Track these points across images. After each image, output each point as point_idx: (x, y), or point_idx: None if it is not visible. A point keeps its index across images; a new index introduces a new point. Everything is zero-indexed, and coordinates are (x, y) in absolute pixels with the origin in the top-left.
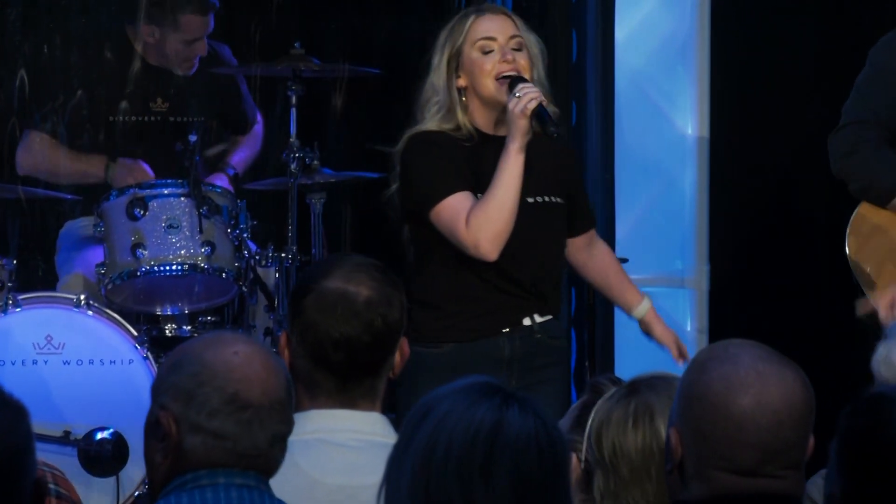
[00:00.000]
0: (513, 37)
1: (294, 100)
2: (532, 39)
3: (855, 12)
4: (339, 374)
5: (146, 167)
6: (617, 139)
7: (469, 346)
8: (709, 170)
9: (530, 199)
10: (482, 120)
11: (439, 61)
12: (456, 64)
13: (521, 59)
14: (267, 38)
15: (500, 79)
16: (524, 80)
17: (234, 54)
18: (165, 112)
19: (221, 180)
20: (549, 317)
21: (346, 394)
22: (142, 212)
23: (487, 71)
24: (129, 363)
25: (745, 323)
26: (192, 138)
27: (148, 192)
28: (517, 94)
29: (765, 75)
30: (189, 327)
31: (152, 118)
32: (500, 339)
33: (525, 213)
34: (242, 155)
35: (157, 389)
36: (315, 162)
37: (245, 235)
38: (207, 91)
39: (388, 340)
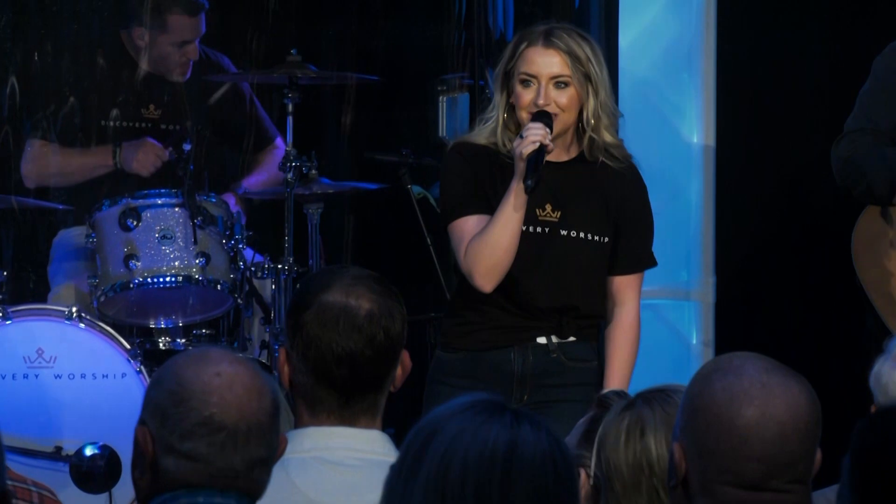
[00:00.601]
0: (555, 77)
1: (291, 108)
2: (592, 69)
3: (865, 18)
4: (342, 390)
5: (154, 142)
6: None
7: (482, 355)
8: (715, 179)
9: (563, 232)
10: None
11: (497, 74)
12: (509, 84)
13: (562, 98)
14: (263, 44)
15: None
16: (547, 117)
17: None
18: (157, 119)
19: (230, 199)
20: (572, 339)
21: (349, 409)
22: (135, 222)
23: (523, 104)
24: (123, 377)
25: (752, 336)
26: (187, 147)
27: (141, 202)
28: (522, 135)
29: (772, 82)
30: (183, 340)
31: (143, 125)
32: (511, 352)
33: (555, 246)
34: (259, 178)
35: (143, 404)
36: (312, 171)
37: (241, 246)
38: (203, 99)
39: (390, 354)
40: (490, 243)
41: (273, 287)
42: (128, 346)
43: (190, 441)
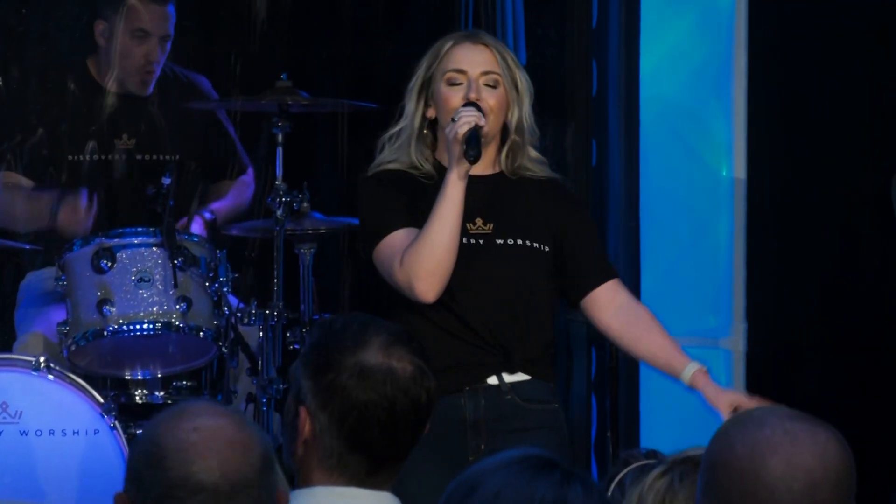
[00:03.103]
0: (486, 72)
1: (280, 138)
2: (519, 75)
3: None
4: (376, 458)
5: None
6: (642, 181)
7: None
8: (746, 215)
9: (499, 241)
10: (447, 156)
11: (413, 85)
12: (427, 92)
13: (491, 98)
14: (250, 68)
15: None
16: (475, 106)
17: (213, 87)
18: (132, 149)
19: (196, 224)
20: (525, 377)
21: (376, 477)
22: (109, 264)
23: (452, 105)
24: (95, 434)
25: (789, 389)
26: (166, 180)
27: (116, 241)
28: (454, 119)
29: (809, 108)
30: (162, 393)
31: (117, 157)
32: (461, 398)
33: (491, 255)
34: (226, 203)
35: (126, 468)
36: (304, 206)
37: (225, 290)
38: (182, 127)
39: (427, 417)
40: (429, 242)
41: (261, 335)
42: (101, 400)
43: None
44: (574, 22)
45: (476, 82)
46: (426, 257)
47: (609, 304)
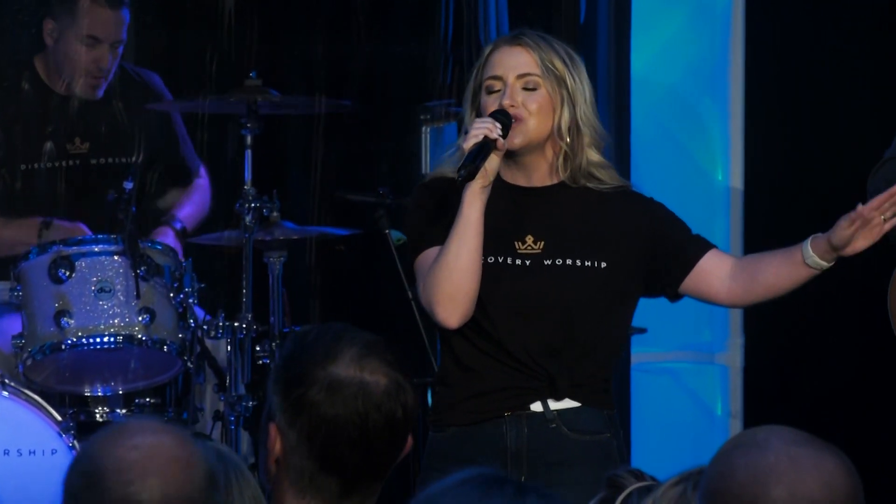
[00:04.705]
0: (523, 75)
1: (249, 140)
2: (568, 73)
3: None
4: (350, 478)
5: (85, 229)
6: (633, 185)
7: (471, 430)
8: (743, 221)
9: (548, 262)
10: (499, 166)
11: (466, 97)
12: (478, 103)
13: (531, 103)
14: (216, 65)
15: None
16: (504, 115)
17: (168, 85)
18: (86, 154)
19: (167, 236)
20: (574, 403)
21: (350, 499)
22: (67, 273)
23: (489, 114)
24: (53, 454)
25: (787, 406)
26: (128, 185)
27: (75, 249)
28: (467, 130)
29: (809, 108)
30: (124, 411)
31: (71, 162)
32: (503, 424)
33: (538, 277)
34: (191, 210)
35: (62, 489)
36: (274, 214)
37: (191, 301)
38: (139, 127)
39: (405, 434)
40: (446, 266)
41: (228, 349)
42: (59, 418)
43: None
44: (561, 17)
45: (512, 87)
46: (444, 282)
47: (719, 269)
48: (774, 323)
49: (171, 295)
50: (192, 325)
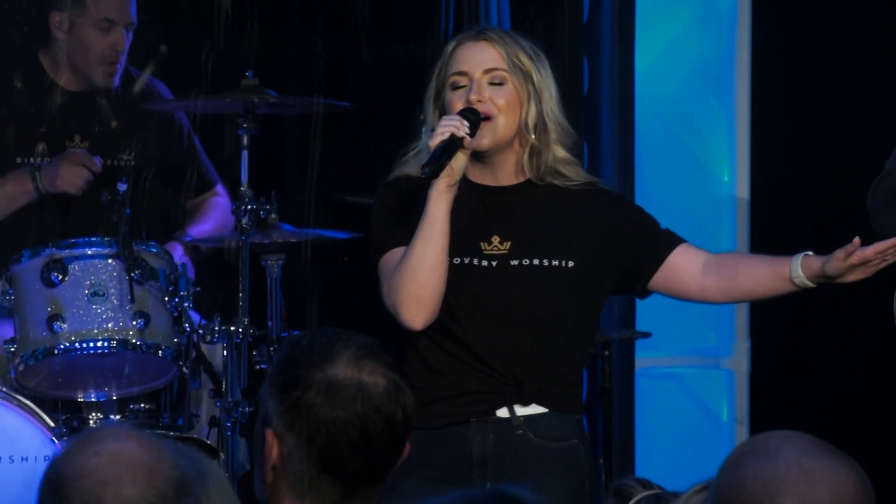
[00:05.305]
0: (490, 70)
1: (246, 140)
2: (534, 69)
3: None
4: (350, 482)
5: (78, 151)
6: (637, 188)
7: (438, 433)
8: (749, 224)
9: (514, 262)
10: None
11: (427, 96)
12: (441, 101)
13: (499, 98)
14: (213, 65)
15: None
16: (472, 113)
17: (173, 86)
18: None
19: (175, 251)
20: (541, 409)
21: (350, 502)
22: (60, 276)
23: (455, 110)
24: (45, 460)
25: (794, 411)
26: (122, 186)
27: (67, 252)
28: (433, 128)
29: (816, 109)
30: (118, 416)
31: None
32: (468, 430)
33: (505, 278)
34: (204, 228)
35: None
36: (272, 216)
37: (186, 305)
38: (141, 129)
39: (404, 436)
40: (411, 267)
41: (225, 354)
42: (51, 424)
43: None
44: (564, 16)
45: (479, 82)
46: (408, 283)
47: (690, 264)
48: (781, 327)
49: (166, 299)
50: (188, 329)
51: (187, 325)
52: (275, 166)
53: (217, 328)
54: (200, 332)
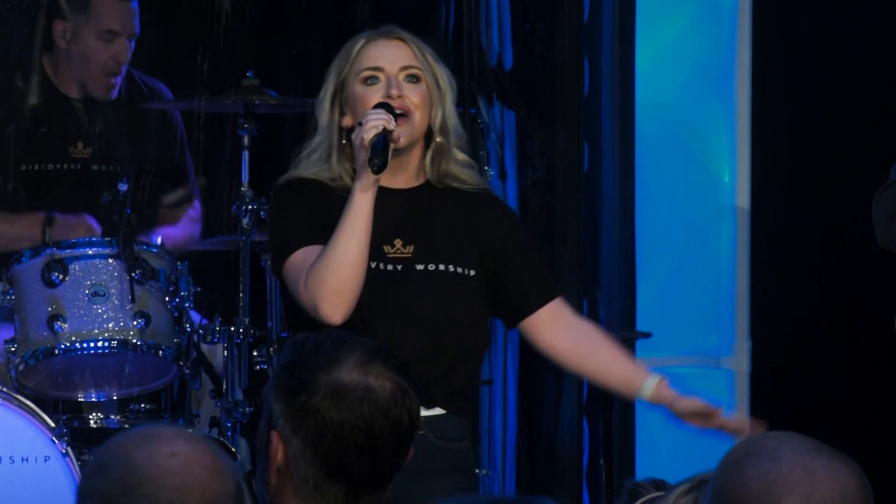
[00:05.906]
0: (406, 67)
1: (246, 140)
2: (440, 71)
3: None
4: (355, 485)
5: (93, 222)
6: (638, 188)
7: None
8: (749, 225)
9: (420, 266)
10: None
11: (324, 95)
12: (341, 99)
13: (414, 95)
14: (213, 65)
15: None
16: (387, 108)
17: (174, 87)
18: (87, 159)
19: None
20: (441, 411)
21: None
22: (61, 276)
23: (370, 107)
24: (46, 461)
25: (794, 411)
26: (123, 187)
27: (68, 252)
28: (361, 122)
29: (817, 111)
30: (118, 417)
31: (71, 166)
32: None
33: (410, 283)
34: (178, 233)
35: (80, 494)
36: None
37: (187, 305)
38: (142, 135)
39: (409, 441)
40: (334, 261)
41: (225, 354)
42: (52, 424)
43: None
44: (564, 16)
45: (396, 78)
46: (331, 277)
47: (553, 324)
48: (782, 327)
49: (167, 299)
50: (188, 329)
51: (188, 325)
52: (275, 166)
53: (217, 328)
54: (201, 332)
